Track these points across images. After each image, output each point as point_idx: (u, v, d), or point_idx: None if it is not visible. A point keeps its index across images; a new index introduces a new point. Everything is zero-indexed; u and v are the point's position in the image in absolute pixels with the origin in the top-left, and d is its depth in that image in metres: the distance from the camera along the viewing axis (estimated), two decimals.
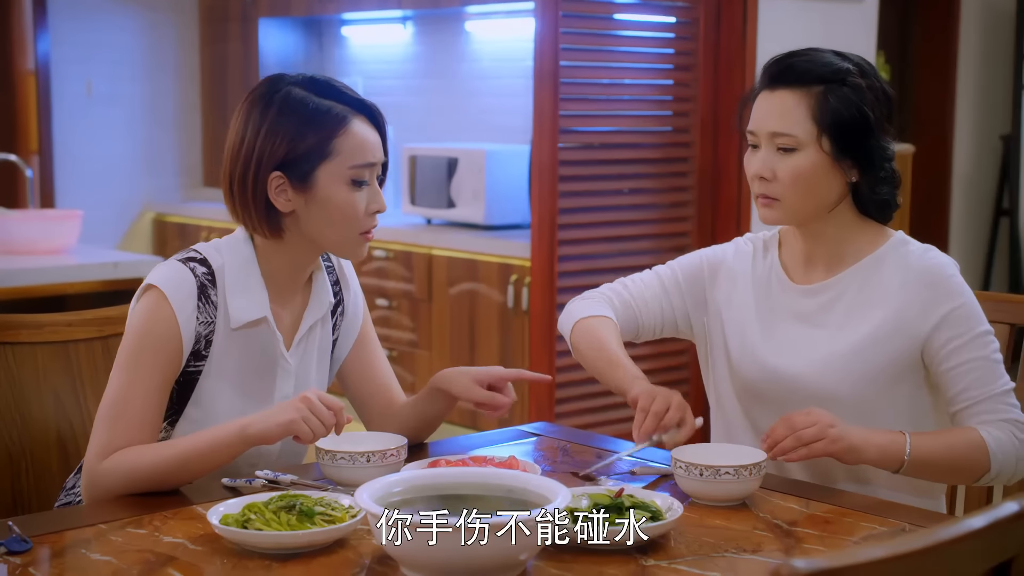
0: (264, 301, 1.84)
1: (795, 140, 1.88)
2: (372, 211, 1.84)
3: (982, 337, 1.89)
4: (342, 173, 1.80)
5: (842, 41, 4.50)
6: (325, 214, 1.81)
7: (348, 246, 1.85)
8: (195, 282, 1.80)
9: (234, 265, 1.84)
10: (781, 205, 1.91)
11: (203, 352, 1.81)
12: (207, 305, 1.80)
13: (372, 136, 1.83)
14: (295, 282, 1.89)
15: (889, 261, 1.93)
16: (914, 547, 1.08)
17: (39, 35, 5.93)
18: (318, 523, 1.53)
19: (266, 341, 1.86)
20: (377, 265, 5.03)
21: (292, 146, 1.79)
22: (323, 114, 1.79)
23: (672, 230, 4.37)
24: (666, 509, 1.59)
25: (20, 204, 5.82)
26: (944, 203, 6.45)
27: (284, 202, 1.81)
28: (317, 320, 1.92)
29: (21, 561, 1.47)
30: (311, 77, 1.84)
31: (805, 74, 1.89)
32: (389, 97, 5.89)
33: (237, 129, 1.82)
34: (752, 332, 1.99)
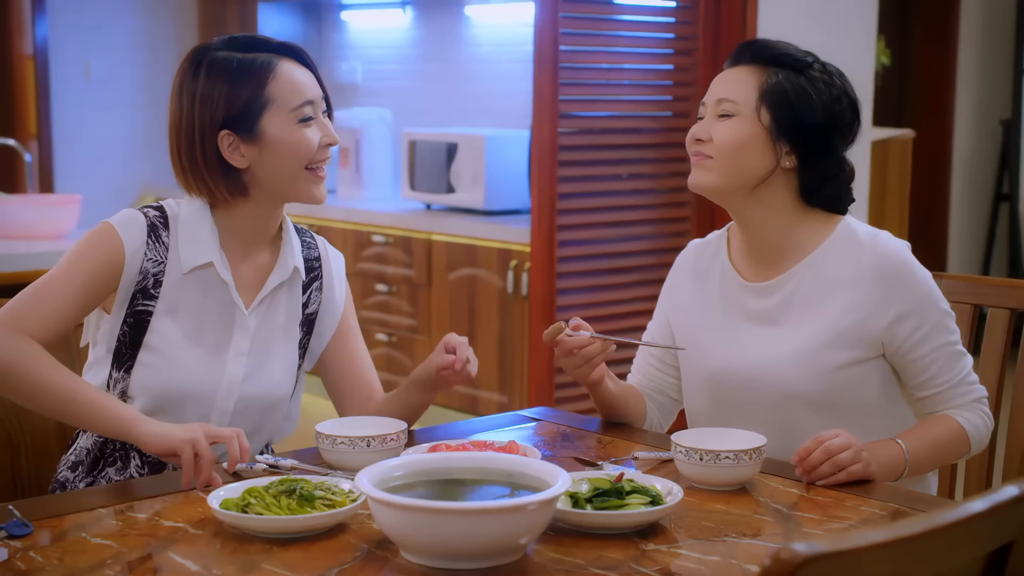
0: (214, 247, 1.88)
1: (735, 106, 1.91)
2: (324, 144, 1.88)
3: (942, 322, 1.91)
4: (285, 116, 1.85)
5: (843, 25, 4.50)
6: (280, 158, 1.86)
7: (301, 188, 1.88)
8: (145, 221, 1.87)
9: (188, 214, 1.89)
10: (712, 164, 1.92)
11: (152, 291, 1.85)
12: (157, 244, 1.86)
13: (302, 75, 1.88)
14: (257, 238, 1.92)
15: (838, 252, 1.92)
16: (914, 531, 1.08)
17: (37, 19, 5.91)
18: (318, 507, 1.53)
19: (221, 292, 1.88)
20: (376, 250, 5.03)
21: (229, 104, 1.84)
22: (249, 66, 1.85)
23: (671, 215, 4.36)
24: (666, 493, 1.59)
25: (19, 189, 5.81)
26: (944, 188, 6.44)
27: (239, 158, 1.86)
28: (283, 283, 1.94)
29: (22, 545, 1.47)
30: (230, 37, 1.90)
31: (764, 53, 1.92)
32: (388, 82, 5.88)
33: (173, 104, 1.89)
34: (714, 334, 1.99)
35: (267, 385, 1.91)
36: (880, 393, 1.93)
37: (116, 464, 1.89)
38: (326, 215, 5.27)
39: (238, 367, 1.89)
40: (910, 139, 5.57)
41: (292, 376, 1.96)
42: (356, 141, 5.46)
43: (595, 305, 4.15)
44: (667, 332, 2.09)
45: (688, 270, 2.07)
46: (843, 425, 1.80)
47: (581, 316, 2.11)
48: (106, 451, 1.89)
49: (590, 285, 4.20)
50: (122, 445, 1.89)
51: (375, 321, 5.08)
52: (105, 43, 6.10)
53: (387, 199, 5.44)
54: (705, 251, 2.06)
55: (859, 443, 1.75)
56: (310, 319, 1.99)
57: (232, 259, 1.90)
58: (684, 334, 2.05)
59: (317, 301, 2.00)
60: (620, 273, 4.26)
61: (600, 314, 4.11)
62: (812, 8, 4.43)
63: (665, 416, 2.14)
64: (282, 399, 1.94)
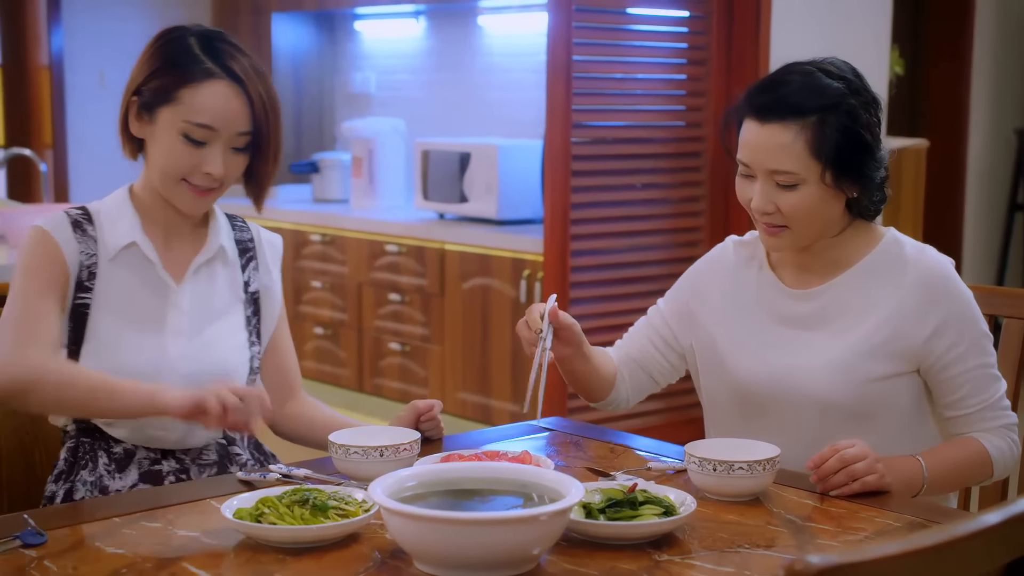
0: (135, 228, 1.93)
1: (796, 177, 1.84)
2: (203, 171, 1.89)
3: (980, 343, 1.89)
4: (176, 123, 1.88)
5: (856, 34, 4.49)
6: (157, 153, 1.91)
7: (171, 193, 1.92)
8: (67, 218, 1.92)
9: (109, 205, 1.96)
10: (790, 233, 1.88)
11: (87, 284, 1.89)
12: (84, 237, 1.91)
13: (226, 104, 1.88)
14: (176, 224, 1.97)
15: (884, 264, 1.91)
16: (929, 543, 1.08)
17: (52, 29, 5.94)
18: (331, 517, 1.53)
19: (149, 272, 1.93)
20: (389, 260, 5.03)
21: (149, 78, 1.89)
22: (188, 62, 1.88)
23: (684, 224, 4.36)
24: (679, 504, 1.59)
25: (35, 198, 5.84)
26: (958, 197, 6.42)
27: (136, 127, 1.92)
28: (213, 260, 1.98)
29: (37, 554, 1.48)
30: (208, 31, 1.93)
31: (797, 107, 1.83)
32: (402, 92, 5.89)
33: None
34: (747, 338, 1.97)
35: (212, 362, 1.93)
36: (910, 409, 1.91)
37: (88, 466, 1.91)
38: (339, 224, 5.28)
39: (178, 346, 1.91)
40: (924, 149, 5.56)
41: (242, 354, 1.97)
42: (369, 151, 5.47)
43: (608, 315, 4.14)
44: (683, 318, 2.06)
45: (723, 266, 2.04)
46: (869, 438, 1.79)
47: (594, 326, 2.11)
48: (78, 454, 1.92)
49: (603, 295, 4.20)
50: (91, 447, 1.91)
51: (388, 331, 5.08)
52: (120, 52, 6.11)
53: (400, 209, 5.44)
54: (742, 251, 2.03)
55: (875, 454, 1.74)
56: (254, 297, 2.03)
57: (156, 243, 1.95)
58: (708, 328, 2.02)
59: (256, 280, 2.03)
60: (633, 283, 4.25)
61: (612, 324, 4.10)
62: (825, 18, 4.43)
63: (636, 393, 2.10)
64: (232, 373, 1.95)
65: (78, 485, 1.90)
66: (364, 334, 5.19)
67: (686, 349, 2.07)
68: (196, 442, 1.94)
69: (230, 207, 2.13)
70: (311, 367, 5.42)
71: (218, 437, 1.97)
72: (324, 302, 5.38)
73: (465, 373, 4.77)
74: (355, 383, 5.25)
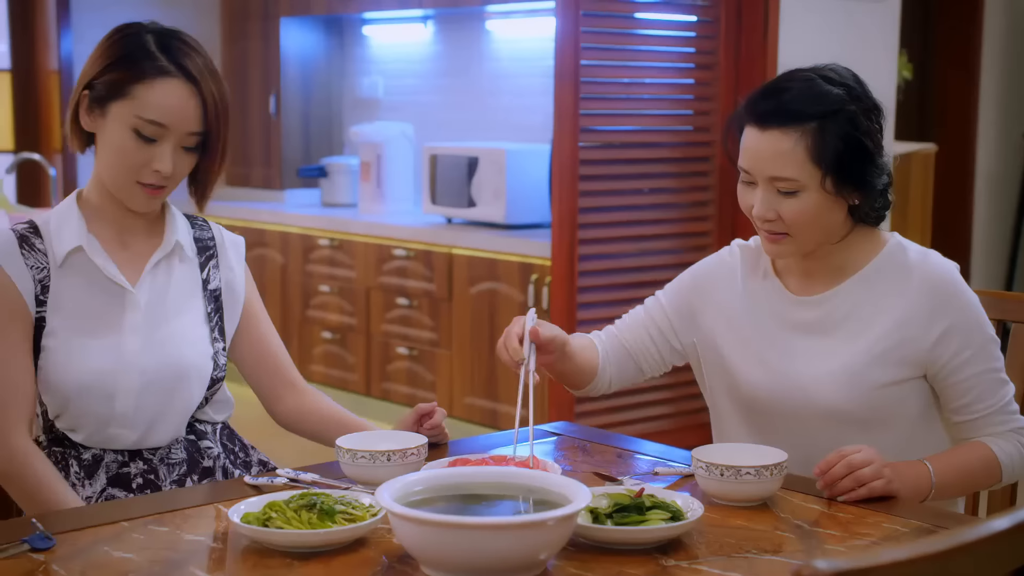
0: (80, 232, 1.91)
1: (796, 183, 1.84)
2: (152, 168, 1.88)
3: (986, 347, 1.88)
4: (127, 118, 1.87)
5: (864, 39, 4.49)
6: (106, 149, 1.90)
7: (121, 190, 1.91)
8: (13, 236, 1.90)
9: (56, 214, 1.94)
10: (791, 240, 1.88)
11: (42, 297, 1.89)
12: (32, 251, 1.90)
13: (178, 102, 1.87)
14: (128, 222, 1.95)
15: (888, 270, 1.90)
16: (937, 548, 1.07)
17: (62, 34, 5.96)
18: (339, 522, 1.53)
19: (99, 274, 1.91)
20: (398, 264, 5.04)
21: (101, 72, 1.88)
22: (142, 59, 1.87)
23: (692, 229, 4.36)
24: (687, 509, 1.59)
25: (44, 203, 5.85)
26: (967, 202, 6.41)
27: (86, 121, 1.91)
28: (170, 257, 1.97)
29: (45, 558, 1.48)
30: (165, 29, 1.93)
31: (797, 113, 1.83)
32: (410, 96, 5.90)
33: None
34: (753, 345, 1.96)
35: (170, 355, 1.92)
36: (918, 415, 1.91)
37: (60, 474, 1.89)
38: (347, 229, 5.29)
39: (134, 342, 1.90)
40: (932, 153, 5.55)
41: (203, 350, 1.96)
42: (377, 156, 5.48)
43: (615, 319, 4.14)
44: (685, 315, 2.04)
45: (729, 270, 2.02)
46: (877, 444, 1.78)
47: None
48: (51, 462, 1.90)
49: (610, 299, 4.20)
50: (61, 455, 1.91)
51: (396, 335, 5.08)
52: None
53: (408, 213, 5.45)
54: (748, 255, 2.02)
55: (882, 459, 1.74)
56: (215, 295, 2.02)
57: (108, 244, 1.94)
58: (712, 329, 2.01)
59: (217, 278, 2.03)
60: (641, 288, 4.24)
61: None
62: (833, 23, 4.43)
63: (619, 381, 2.08)
64: (191, 369, 1.94)
65: None
66: (372, 338, 5.19)
67: (686, 346, 2.06)
68: (159, 441, 1.93)
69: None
70: (319, 371, 5.42)
71: (183, 434, 1.96)
72: (332, 306, 5.38)
73: (473, 377, 4.77)
74: (363, 387, 5.25)
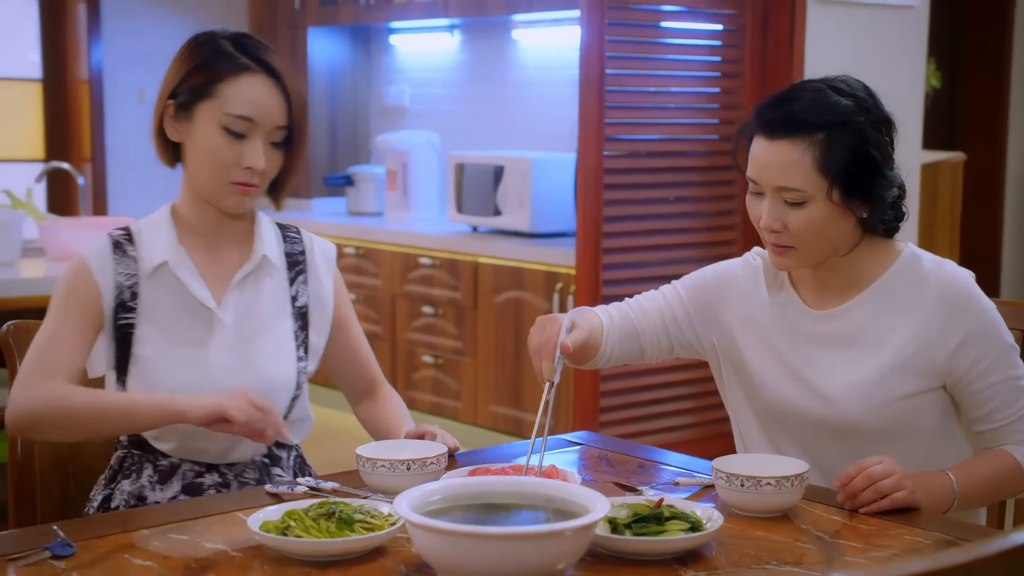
0: (169, 247, 1.93)
1: (803, 194, 1.83)
2: (244, 165, 1.89)
3: (1006, 355, 1.86)
4: (216, 117, 1.88)
5: (891, 47, 4.47)
6: (198, 153, 1.92)
7: (220, 194, 1.93)
8: (108, 240, 1.94)
9: (150, 223, 1.97)
10: (796, 253, 1.87)
11: (130, 304, 1.91)
12: (124, 258, 1.92)
13: (264, 96, 1.89)
14: (219, 231, 1.97)
15: (902, 281, 1.89)
16: (954, 561, 1.07)
17: (93, 44, 6.01)
18: (357, 531, 1.53)
19: (185, 290, 1.93)
20: (423, 273, 5.05)
21: (184, 78, 1.91)
22: (222, 59, 1.89)
23: (718, 238, 4.35)
24: (706, 520, 1.58)
25: (73, 211, 5.90)
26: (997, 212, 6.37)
27: (173, 131, 1.93)
28: (257, 273, 1.98)
29: (65, 566, 1.49)
30: (240, 33, 1.95)
31: (804, 123, 1.82)
32: (436, 105, 5.92)
33: None
34: (772, 356, 1.95)
35: (258, 375, 1.93)
36: (938, 426, 1.90)
37: (131, 476, 1.93)
38: (373, 237, 5.30)
39: (221, 359, 1.92)
40: (960, 162, 5.52)
41: (288, 368, 1.97)
42: (403, 164, 5.49)
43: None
44: (705, 313, 2.01)
45: (754, 276, 2.00)
46: (898, 457, 1.77)
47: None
48: (125, 464, 1.95)
49: None
50: (138, 458, 1.93)
51: (421, 343, 5.09)
52: (158, 68, 6.09)
53: (434, 222, 5.46)
54: (768, 264, 2.01)
55: (903, 471, 1.73)
56: (302, 312, 2.02)
57: (199, 256, 1.95)
58: (731, 333, 1.99)
59: (305, 294, 2.03)
60: None
61: None
62: (860, 31, 4.41)
63: (619, 359, 2.04)
64: (278, 388, 1.95)
65: (116, 493, 1.93)
66: (398, 347, 5.20)
67: (704, 343, 2.04)
68: (240, 456, 1.95)
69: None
70: None
71: (262, 453, 1.98)
72: (358, 314, 5.38)
73: (498, 386, 4.77)
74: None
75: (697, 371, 4.28)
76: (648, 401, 4.30)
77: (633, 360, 2.06)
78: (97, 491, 1.96)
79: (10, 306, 3.47)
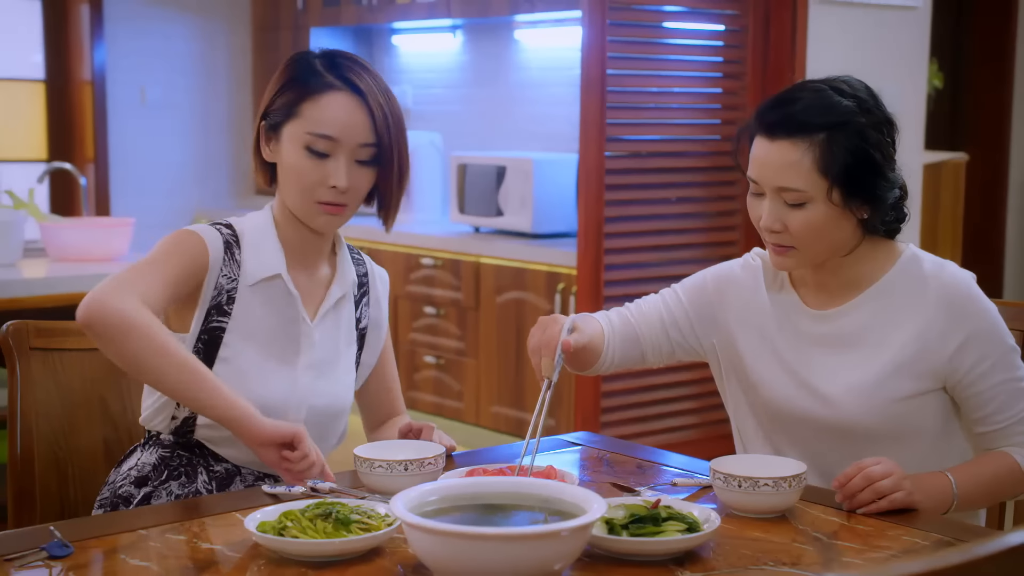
0: (280, 260, 1.92)
1: (803, 195, 1.82)
2: (328, 184, 1.88)
3: (1006, 357, 1.86)
4: (300, 136, 1.88)
5: (894, 48, 4.46)
6: (285, 173, 1.91)
7: (303, 211, 1.92)
8: (222, 238, 1.91)
9: (253, 228, 1.94)
10: (796, 253, 1.87)
11: (226, 308, 1.88)
12: (231, 261, 1.90)
13: (346, 114, 1.88)
14: (314, 251, 1.97)
15: (903, 282, 1.89)
16: (950, 563, 1.06)
17: (95, 45, 6.02)
18: (354, 531, 1.53)
19: (287, 304, 1.92)
20: (425, 273, 5.05)
21: (274, 99, 1.92)
22: (308, 77, 1.89)
23: (719, 239, 4.34)
24: (704, 521, 1.58)
25: (75, 211, 5.91)
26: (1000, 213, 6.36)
27: (267, 152, 1.94)
28: (342, 296, 1.99)
29: (62, 566, 1.49)
30: (333, 51, 1.94)
31: (805, 124, 1.82)
32: (438, 106, 5.92)
33: None
34: (772, 358, 1.95)
35: (333, 397, 1.96)
36: (938, 427, 1.89)
37: (181, 478, 1.90)
38: (375, 237, 5.30)
39: (307, 379, 1.92)
40: (963, 163, 5.51)
41: (352, 388, 2.02)
42: None
43: None
44: (705, 316, 2.01)
45: (753, 277, 2.00)
46: (898, 458, 1.77)
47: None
48: (172, 464, 1.91)
49: None
50: (188, 460, 1.91)
51: (423, 344, 5.09)
52: (160, 69, 6.19)
53: (436, 222, 5.46)
54: (768, 265, 2.00)
55: (901, 471, 1.72)
56: (362, 333, 2.04)
57: (293, 273, 1.95)
58: (731, 336, 1.99)
59: (367, 316, 2.05)
60: None
61: None
62: (862, 31, 4.40)
63: (620, 364, 2.04)
64: (344, 410, 2.00)
65: (162, 492, 1.89)
66: (399, 347, 5.20)
67: (705, 346, 2.03)
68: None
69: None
70: None
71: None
72: None
73: (500, 386, 4.77)
74: None
75: (699, 371, 4.28)
76: (650, 402, 4.30)
77: (635, 365, 2.07)
78: (137, 490, 1.89)
79: (11, 306, 3.47)
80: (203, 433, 1.90)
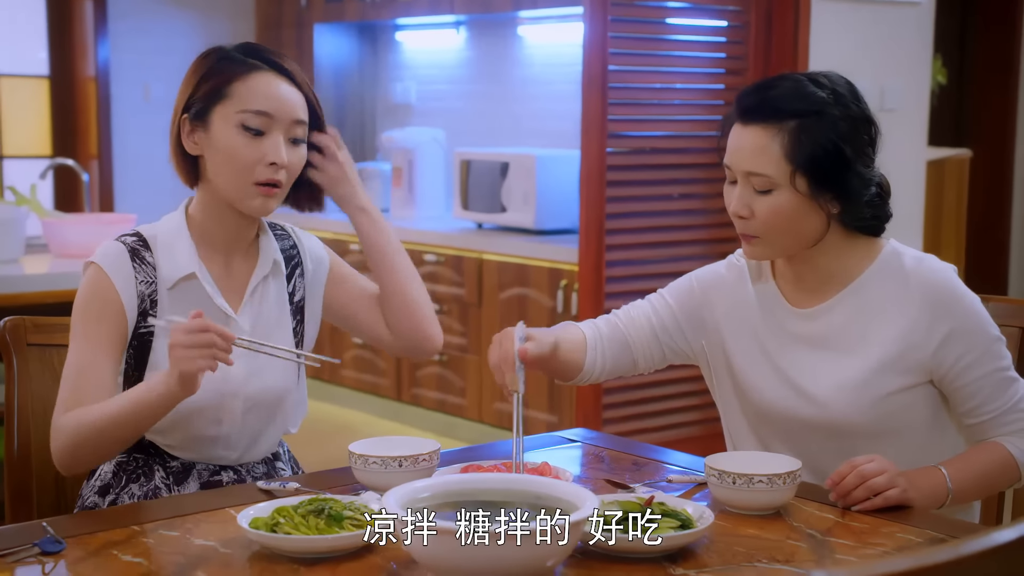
0: (193, 259, 1.90)
1: (769, 181, 1.82)
2: (267, 162, 1.87)
3: (991, 348, 1.85)
4: (232, 116, 1.87)
5: (896, 44, 4.45)
6: (218, 158, 1.88)
7: (244, 197, 1.89)
8: (125, 248, 1.89)
9: (165, 231, 1.93)
10: (762, 242, 1.87)
11: (150, 312, 1.88)
12: (143, 265, 1.89)
13: (279, 91, 1.88)
14: (235, 242, 1.95)
15: (884, 277, 1.88)
16: (940, 559, 1.06)
17: (99, 42, 6.02)
18: (346, 527, 1.53)
19: (208, 301, 1.91)
20: (428, 269, 5.05)
21: (195, 88, 1.89)
22: (230, 63, 1.89)
23: (721, 235, 4.33)
24: (697, 517, 1.57)
25: (78, 207, 5.91)
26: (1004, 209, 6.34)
27: (192, 145, 1.90)
28: (265, 276, 1.97)
29: (54, 562, 1.49)
30: (244, 43, 1.94)
31: (777, 110, 1.82)
32: (441, 102, 5.91)
33: None
34: (760, 358, 1.94)
35: (272, 380, 1.94)
36: (929, 420, 1.89)
37: (140, 479, 1.91)
38: None
39: (238, 368, 1.90)
40: (967, 159, 5.50)
41: (292, 367, 1.98)
42: (409, 161, 5.49)
43: None
44: (694, 319, 2.01)
45: (739, 276, 2.00)
46: (889, 454, 1.77)
47: None
48: (128, 468, 1.92)
49: None
50: (144, 461, 1.92)
51: None
52: (164, 66, 6.19)
53: (439, 218, 5.46)
54: (752, 264, 2.00)
55: (895, 468, 1.72)
56: (299, 306, 2.02)
57: (214, 266, 1.94)
58: (720, 336, 1.99)
59: (301, 287, 2.03)
60: None
61: None
62: (864, 27, 4.39)
63: (614, 371, 2.04)
64: (288, 390, 1.97)
65: (124, 498, 1.90)
66: None
67: (695, 348, 2.03)
68: (255, 457, 1.97)
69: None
70: (350, 376, 5.44)
71: (273, 448, 1.99)
72: None
73: None
74: (394, 393, 5.26)
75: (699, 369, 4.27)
76: (651, 399, 4.29)
77: (627, 371, 2.06)
78: (102, 499, 1.92)
79: (14, 303, 3.48)
80: (165, 440, 1.91)
